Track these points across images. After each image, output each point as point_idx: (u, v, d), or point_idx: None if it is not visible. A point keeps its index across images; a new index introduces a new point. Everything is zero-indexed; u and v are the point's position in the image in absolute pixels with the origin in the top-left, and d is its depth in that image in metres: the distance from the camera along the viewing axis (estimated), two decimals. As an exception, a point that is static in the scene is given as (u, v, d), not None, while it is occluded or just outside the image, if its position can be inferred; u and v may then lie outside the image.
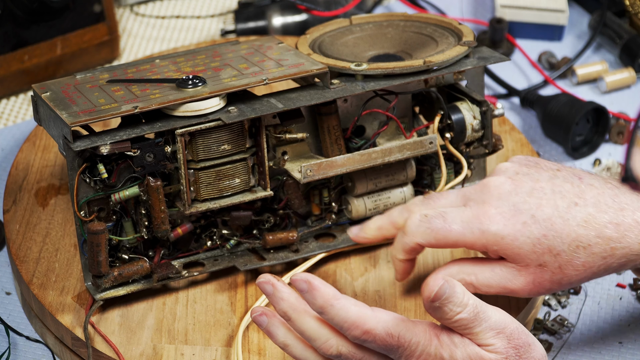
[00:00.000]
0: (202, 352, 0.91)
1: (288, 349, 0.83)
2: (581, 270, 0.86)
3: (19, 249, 0.99)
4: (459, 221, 0.86)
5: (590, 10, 1.35)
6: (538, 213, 0.85)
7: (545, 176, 0.88)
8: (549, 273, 0.86)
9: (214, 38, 1.30)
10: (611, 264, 0.86)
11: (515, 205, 0.86)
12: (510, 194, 0.86)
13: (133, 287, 0.94)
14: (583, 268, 0.86)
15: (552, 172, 0.89)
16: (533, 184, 0.87)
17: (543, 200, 0.86)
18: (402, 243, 0.89)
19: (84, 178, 0.89)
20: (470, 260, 0.89)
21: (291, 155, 0.97)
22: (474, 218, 0.86)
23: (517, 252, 0.86)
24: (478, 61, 0.97)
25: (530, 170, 0.89)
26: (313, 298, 0.80)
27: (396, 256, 0.90)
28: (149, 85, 0.93)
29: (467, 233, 0.86)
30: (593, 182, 0.88)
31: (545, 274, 0.86)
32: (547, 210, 0.86)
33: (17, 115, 1.21)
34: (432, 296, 0.77)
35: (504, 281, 0.87)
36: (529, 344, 0.81)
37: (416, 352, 0.79)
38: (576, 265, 0.86)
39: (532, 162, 0.90)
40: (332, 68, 0.95)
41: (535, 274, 0.86)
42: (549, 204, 0.86)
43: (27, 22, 1.17)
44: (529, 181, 0.87)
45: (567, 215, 0.85)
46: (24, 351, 0.97)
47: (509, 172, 0.89)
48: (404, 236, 0.88)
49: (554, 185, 0.87)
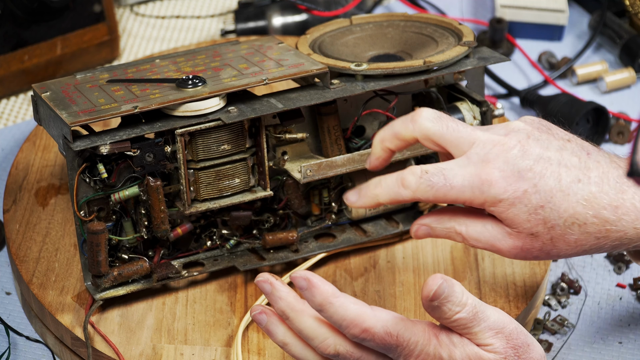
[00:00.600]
0: (202, 352, 0.91)
1: (287, 347, 0.83)
2: (572, 246, 0.86)
3: (18, 249, 0.99)
4: (460, 179, 0.85)
5: (590, 10, 1.35)
6: (540, 183, 0.85)
7: (555, 145, 0.87)
8: (539, 242, 0.86)
9: (214, 38, 1.30)
10: (604, 245, 0.87)
11: (520, 172, 0.85)
12: (517, 159, 0.85)
13: (133, 287, 0.94)
14: (575, 244, 0.86)
15: (563, 142, 0.88)
16: (541, 152, 0.86)
17: (548, 170, 0.85)
18: (398, 194, 0.87)
19: (83, 178, 0.89)
20: (463, 211, 0.89)
21: (291, 155, 0.97)
22: (475, 177, 0.85)
23: (511, 218, 0.86)
24: (478, 61, 0.97)
25: (542, 135, 0.88)
26: (312, 295, 0.80)
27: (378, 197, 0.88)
28: (149, 85, 0.93)
29: (467, 191, 0.85)
30: (600, 159, 0.87)
31: (535, 243, 0.86)
32: (550, 182, 0.85)
33: (17, 115, 1.21)
34: (431, 295, 0.77)
35: (493, 239, 0.87)
36: (528, 344, 0.81)
37: (415, 351, 0.79)
38: (568, 240, 0.86)
39: (545, 127, 0.89)
40: (332, 68, 0.95)
41: (525, 241, 0.86)
42: (553, 175, 0.85)
43: (27, 22, 1.17)
44: (538, 148, 0.86)
45: (568, 190, 0.85)
46: (24, 351, 0.97)
47: (521, 134, 0.87)
48: (402, 189, 0.86)
49: (562, 156, 0.86)
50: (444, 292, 0.77)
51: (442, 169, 0.86)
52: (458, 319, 0.79)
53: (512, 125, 0.88)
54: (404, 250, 1.00)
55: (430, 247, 1.01)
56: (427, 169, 0.86)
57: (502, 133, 0.87)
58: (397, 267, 0.99)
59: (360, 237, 1.00)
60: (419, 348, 0.79)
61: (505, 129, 0.88)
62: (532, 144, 0.86)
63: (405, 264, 0.99)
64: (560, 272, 1.04)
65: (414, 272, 0.99)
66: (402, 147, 0.89)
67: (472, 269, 0.99)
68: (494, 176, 0.85)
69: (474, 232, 0.87)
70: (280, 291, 0.82)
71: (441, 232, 0.89)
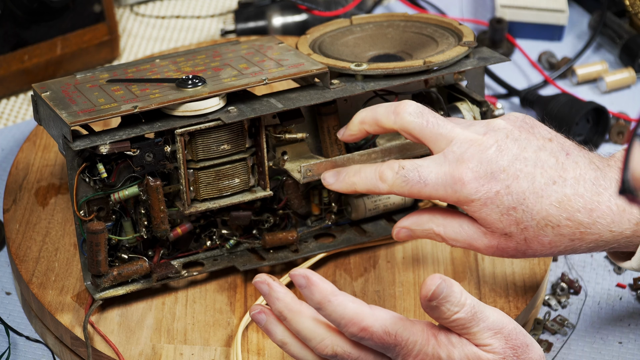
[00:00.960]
0: (202, 352, 0.91)
1: (286, 347, 0.83)
2: (547, 247, 0.87)
3: (18, 249, 0.99)
4: (434, 177, 0.86)
5: (590, 10, 1.35)
6: (513, 185, 0.86)
7: (534, 145, 0.87)
8: (514, 242, 0.87)
9: (214, 38, 1.30)
10: (579, 247, 0.87)
11: (493, 173, 0.86)
12: (491, 160, 0.86)
13: (132, 287, 0.94)
14: (549, 245, 0.87)
15: (543, 141, 0.88)
16: (518, 152, 0.87)
17: (522, 172, 0.86)
18: (375, 186, 0.88)
19: (83, 177, 0.89)
20: (441, 212, 0.90)
21: (291, 155, 0.97)
22: (448, 176, 0.86)
23: (484, 217, 0.87)
24: (478, 61, 0.97)
25: (522, 134, 0.88)
26: (311, 293, 0.80)
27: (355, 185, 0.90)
28: (148, 85, 0.93)
29: (440, 189, 0.87)
30: (579, 160, 0.88)
31: (510, 243, 0.87)
32: (523, 184, 0.86)
33: (17, 115, 1.21)
34: (430, 295, 0.77)
35: (470, 238, 0.88)
36: (527, 345, 0.81)
37: (413, 351, 0.79)
38: (542, 241, 0.87)
39: (527, 125, 0.89)
40: (332, 68, 0.95)
41: (499, 240, 0.87)
42: (527, 177, 0.86)
43: (27, 22, 1.17)
44: (515, 148, 0.87)
45: (542, 192, 0.86)
46: (24, 351, 0.97)
47: (500, 134, 0.87)
48: (379, 182, 0.88)
49: (538, 157, 0.87)
50: (443, 292, 0.77)
51: (418, 165, 0.87)
52: (457, 319, 0.79)
53: (493, 123, 0.89)
54: (404, 250, 1.00)
55: (430, 247, 1.01)
56: (404, 164, 0.87)
57: (481, 132, 0.88)
58: (397, 267, 0.99)
59: (360, 237, 1.00)
60: (417, 348, 0.79)
61: (486, 127, 0.88)
62: (510, 144, 0.87)
63: (405, 264, 0.99)
64: (560, 272, 1.04)
65: (413, 272, 0.99)
66: (379, 132, 0.91)
67: (471, 269, 0.99)
68: (466, 176, 0.86)
69: (451, 232, 0.89)
70: (278, 292, 0.82)
71: (421, 234, 0.91)
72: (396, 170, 0.87)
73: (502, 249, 0.87)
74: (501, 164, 0.86)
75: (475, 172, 0.86)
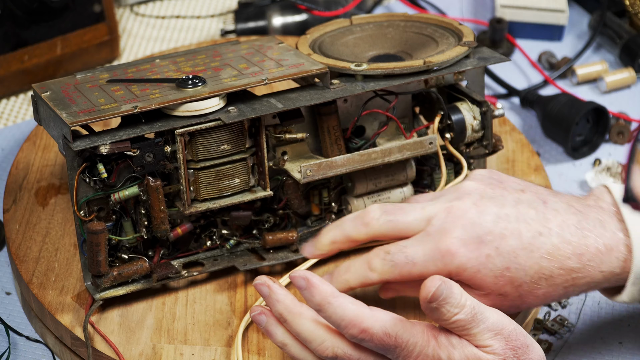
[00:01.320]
0: (202, 352, 0.91)
1: (286, 348, 0.83)
2: (541, 298, 0.87)
3: (18, 249, 0.99)
4: (420, 255, 0.86)
5: (590, 10, 1.35)
6: (502, 245, 0.85)
7: (510, 200, 0.87)
8: (509, 300, 0.87)
9: (214, 38, 1.30)
10: (572, 292, 0.88)
11: (479, 237, 0.85)
12: (475, 225, 0.85)
13: (132, 287, 0.94)
14: (544, 297, 0.87)
15: (517, 194, 0.88)
16: (498, 210, 0.86)
17: (507, 230, 0.85)
18: (367, 278, 0.88)
19: (83, 178, 0.89)
20: None
21: (291, 155, 0.97)
22: (436, 251, 0.85)
23: (479, 283, 0.86)
24: (478, 61, 0.97)
25: (496, 192, 0.88)
26: (311, 295, 0.80)
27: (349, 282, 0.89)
28: (148, 85, 0.93)
29: (430, 266, 0.86)
30: (557, 206, 0.87)
31: (504, 301, 0.87)
32: (512, 242, 0.85)
33: (17, 115, 1.21)
34: (430, 297, 0.77)
35: None
36: (527, 345, 0.81)
37: (414, 352, 0.79)
38: (537, 294, 0.87)
39: (496, 180, 0.89)
40: (332, 68, 0.95)
41: (495, 300, 0.87)
42: (514, 234, 0.85)
43: (27, 22, 1.17)
44: (494, 207, 0.86)
45: (531, 247, 0.85)
46: (24, 351, 0.97)
47: (474, 196, 0.87)
48: (369, 272, 0.87)
49: (519, 212, 0.86)
50: (442, 294, 0.77)
51: (403, 247, 0.86)
52: (457, 320, 0.79)
53: (463, 187, 0.88)
54: (404, 250, 1.00)
55: (430, 247, 1.01)
56: (389, 249, 0.86)
57: (453, 198, 0.87)
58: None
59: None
60: (417, 349, 0.79)
61: (457, 192, 0.88)
62: (487, 204, 0.86)
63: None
64: (560, 272, 1.05)
65: (413, 272, 0.98)
66: (354, 247, 0.91)
67: (472, 269, 0.99)
68: (454, 246, 0.85)
69: None
70: (278, 294, 0.82)
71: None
72: (382, 257, 0.86)
73: (497, 306, 0.85)
74: (485, 226, 0.85)
75: (462, 239, 0.85)
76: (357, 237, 0.89)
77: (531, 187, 0.89)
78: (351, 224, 0.89)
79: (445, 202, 0.87)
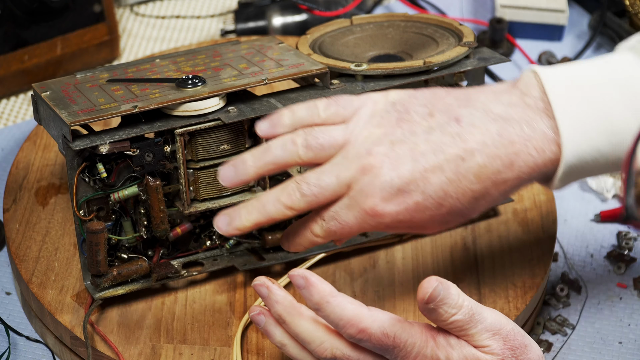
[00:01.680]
0: (201, 352, 0.91)
1: (285, 348, 0.83)
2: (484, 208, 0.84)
3: (18, 248, 0.99)
4: (352, 219, 0.82)
5: (590, 10, 1.35)
6: (426, 187, 0.81)
7: (421, 134, 0.82)
8: (455, 222, 0.84)
9: (214, 38, 1.30)
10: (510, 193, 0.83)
11: (401, 189, 0.81)
12: (392, 179, 0.81)
13: (132, 287, 0.94)
14: (485, 207, 0.84)
15: (426, 121, 0.82)
16: (411, 152, 0.81)
17: (427, 171, 0.81)
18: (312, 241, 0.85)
19: (83, 177, 0.89)
20: None
21: (291, 155, 0.97)
22: (364, 214, 0.82)
23: (419, 226, 0.83)
24: (478, 62, 0.97)
25: (404, 130, 0.82)
26: (310, 294, 0.80)
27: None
28: (148, 84, 0.93)
29: (366, 226, 0.83)
30: (473, 119, 0.82)
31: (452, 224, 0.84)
32: (435, 180, 0.81)
33: (17, 115, 1.21)
34: (426, 298, 0.77)
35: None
36: (526, 345, 0.80)
37: (412, 353, 0.79)
38: (479, 209, 0.83)
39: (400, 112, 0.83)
40: (332, 68, 0.95)
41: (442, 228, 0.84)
42: (435, 172, 0.81)
43: (27, 22, 1.17)
44: (407, 150, 0.81)
45: (457, 177, 0.81)
46: (24, 351, 0.97)
47: (384, 145, 0.82)
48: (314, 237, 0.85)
49: (433, 144, 0.81)
50: (440, 295, 0.77)
51: (334, 214, 0.83)
52: (454, 321, 0.78)
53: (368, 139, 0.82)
54: (404, 251, 1.00)
55: (430, 248, 1.01)
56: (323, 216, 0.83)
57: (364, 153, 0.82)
58: (397, 268, 0.99)
59: (360, 237, 1.00)
60: (416, 350, 0.79)
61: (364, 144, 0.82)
62: (399, 150, 0.82)
63: (404, 265, 0.99)
64: (560, 272, 1.04)
65: (413, 273, 0.99)
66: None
67: (471, 269, 0.99)
68: (379, 207, 0.82)
69: None
70: (277, 295, 0.82)
71: None
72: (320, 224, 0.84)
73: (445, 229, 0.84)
74: (404, 175, 0.81)
75: (384, 197, 0.81)
76: (281, 218, 0.84)
77: (438, 105, 0.83)
78: (273, 207, 0.84)
79: (357, 160, 0.82)
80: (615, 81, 0.83)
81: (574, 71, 0.84)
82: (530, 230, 1.02)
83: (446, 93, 0.85)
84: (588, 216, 1.11)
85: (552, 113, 0.82)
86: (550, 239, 1.01)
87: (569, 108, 0.82)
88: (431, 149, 0.81)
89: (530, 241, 1.01)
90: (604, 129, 0.82)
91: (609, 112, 0.82)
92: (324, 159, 0.84)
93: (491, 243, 1.01)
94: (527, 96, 0.83)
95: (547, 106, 0.82)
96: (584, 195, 1.13)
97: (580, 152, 0.82)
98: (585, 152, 0.82)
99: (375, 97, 0.85)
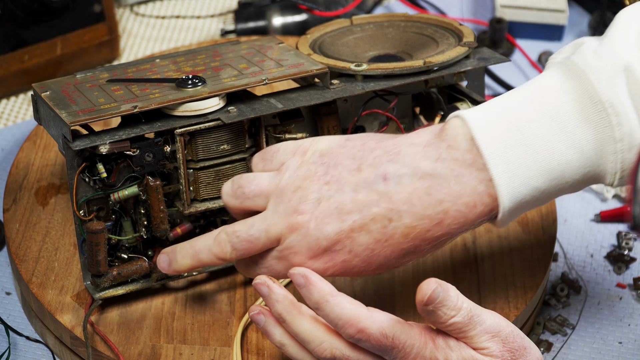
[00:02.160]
0: (201, 352, 0.91)
1: (285, 348, 0.83)
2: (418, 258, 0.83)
3: (18, 248, 0.99)
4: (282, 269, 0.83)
5: (590, 10, 1.35)
6: (354, 246, 0.81)
7: (348, 192, 0.81)
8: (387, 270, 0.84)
9: (214, 38, 1.31)
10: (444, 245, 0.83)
11: (328, 249, 0.82)
12: (319, 240, 0.81)
13: (132, 287, 0.94)
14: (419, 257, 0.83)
15: (354, 177, 0.81)
16: (338, 214, 0.81)
17: (354, 231, 0.81)
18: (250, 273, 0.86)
19: (83, 177, 0.89)
20: None
21: (291, 155, 0.97)
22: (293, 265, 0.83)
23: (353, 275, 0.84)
24: (478, 62, 0.97)
25: (331, 187, 0.81)
26: (309, 293, 0.80)
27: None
28: (148, 84, 0.93)
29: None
30: (401, 178, 0.80)
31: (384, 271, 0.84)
32: (362, 240, 0.81)
33: (17, 115, 1.21)
34: (426, 300, 0.77)
35: None
36: (525, 347, 0.80)
37: (411, 354, 0.79)
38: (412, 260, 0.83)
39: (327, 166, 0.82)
40: (332, 68, 0.95)
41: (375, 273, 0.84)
42: (361, 232, 0.81)
43: (27, 22, 1.17)
44: (333, 210, 0.81)
45: (384, 237, 0.81)
46: (24, 351, 0.97)
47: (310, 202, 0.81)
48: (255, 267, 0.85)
49: (360, 203, 0.80)
50: (439, 297, 0.77)
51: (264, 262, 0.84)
52: (453, 323, 0.78)
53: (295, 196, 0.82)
54: (404, 251, 1.00)
55: (430, 247, 1.01)
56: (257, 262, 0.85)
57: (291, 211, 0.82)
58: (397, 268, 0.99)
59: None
60: (414, 351, 0.79)
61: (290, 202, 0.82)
62: (326, 208, 0.81)
63: (404, 265, 0.99)
64: (560, 272, 1.04)
65: (413, 273, 0.99)
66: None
67: (471, 270, 0.99)
68: (307, 265, 0.82)
69: None
70: (277, 294, 0.82)
71: None
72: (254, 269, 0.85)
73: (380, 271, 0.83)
74: (330, 237, 0.81)
75: (311, 257, 0.82)
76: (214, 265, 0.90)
77: (367, 159, 0.81)
78: (206, 257, 0.86)
79: (285, 218, 0.82)
80: (547, 114, 0.80)
81: (503, 110, 0.81)
82: (530, 230, 1.02)
83: (376, 143, 0.82)
84: (588, 216, 1.11)
85: (483, 164, 0.79)
86: (550, 239, 1.01)
87: (502, 153, 0.79)
88: (357, 208, 0.81)
89: (530, 241, 1.01)
90: (541, 168, 0.80)
91: (545, 149, 0.80)
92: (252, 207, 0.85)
93: (491, 243, 1.01)
94: (454, 149, 0.80)
95: (477, 157, 0.79)
96: (584, 195, 1.13)
97: (518, 195, 0.80)
98: (522, 194, 0.80)
99: (305, 146, 0.84)
